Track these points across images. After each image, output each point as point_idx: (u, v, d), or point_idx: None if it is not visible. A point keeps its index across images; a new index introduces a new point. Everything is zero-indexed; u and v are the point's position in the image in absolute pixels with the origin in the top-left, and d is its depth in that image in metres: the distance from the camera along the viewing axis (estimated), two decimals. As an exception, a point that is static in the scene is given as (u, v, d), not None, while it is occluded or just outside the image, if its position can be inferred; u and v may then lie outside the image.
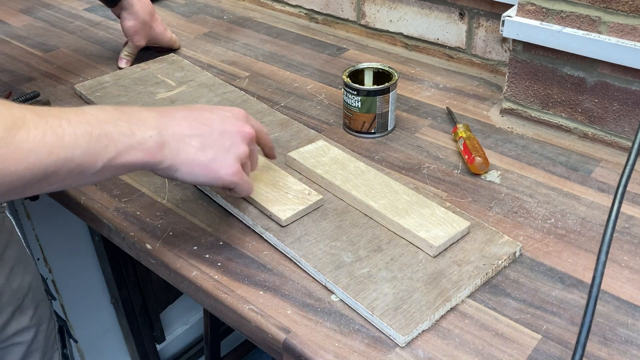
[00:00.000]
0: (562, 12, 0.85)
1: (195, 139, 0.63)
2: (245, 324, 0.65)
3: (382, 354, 0.60)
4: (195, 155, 0.63)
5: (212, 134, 0.65)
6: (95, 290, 1.45)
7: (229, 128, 0.66)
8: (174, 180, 0.65)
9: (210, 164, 0.64)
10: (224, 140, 0.65)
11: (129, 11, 1.10)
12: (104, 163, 0.56)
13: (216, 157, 0.64)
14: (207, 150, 0.64)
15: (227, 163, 0.65)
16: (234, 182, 0.66)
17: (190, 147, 0.63)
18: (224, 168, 0.65)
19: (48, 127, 0.52)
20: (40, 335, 0.83)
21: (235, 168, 0.66)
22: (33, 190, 0.53)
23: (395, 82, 0.91)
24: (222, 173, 0.65)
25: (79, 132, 0.54)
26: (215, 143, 0.65)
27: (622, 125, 0.87)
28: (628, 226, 0.75)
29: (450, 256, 0.69)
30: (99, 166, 0.56)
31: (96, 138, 0.55)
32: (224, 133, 0.65)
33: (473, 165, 0.83)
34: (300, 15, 1.36)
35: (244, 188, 0.68)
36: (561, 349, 0.60)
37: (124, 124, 0.58)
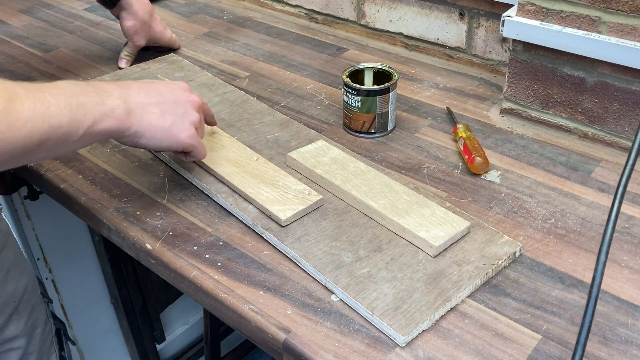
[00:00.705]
0: (562, 12, 0.85)
1: (155, 107, 0.70)
2: (245, 324, 0.65)
3: (382, 354, 0.60)
4: (157, 121, 0.69)
5: (167, 102, 0.71)
6: (95, 290, 1.44)
7: (180, 97, 0.73)
8: (136, 147, 0.70)
9: (170, 128, 0.71)
10: (178, 108, 0.72)
11: (128, 11, 1.10)
12: (84, 130, 0.61)
13: (175, 123, 0.71)
14: (166, 117, 0.70)
15: (185, 127, 0.72)
16: (192, 145, 0.73)
17: (152, 114, 0.69)
18: (183, 132, 0.72)
19: (36, 98, 0.57)
20: (35, 340, 0.82)
21: (192, 132, 0.73)
22: (27, 159, 0.59)
23: (395, 82, 0.91)
24: (181, 136, 0.72)
25: (62, 103, 0.59)
26: (171, 110, 0.71)
27: (622, 125, 0.87)
28: (628, 226, 0.75)
29: (450, 256, 0.69)
30: (80, 133, 0.61)
31: (75, 107, 0.61)
32: (176, 102, 0.72)
33: (473, 165, 0.83)
34: (300, 15, 1.36)
35: (200, 151, 0.75)
36: (561, 349, 0.60)
37: (94, 95, 0.64)
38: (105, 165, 0.88)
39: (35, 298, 0.82)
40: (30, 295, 0.82)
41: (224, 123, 0.95)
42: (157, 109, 0.70)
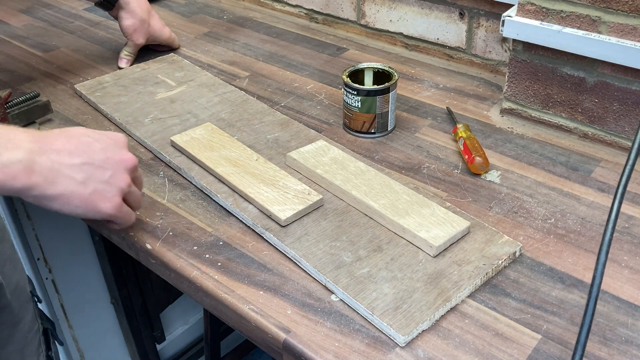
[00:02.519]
0: (562, 12, 0.85)
1: (78, 170, 0.61)
2: (245, 324, 0.65)
3: (382, 354, 0.60)
4: (76, 187, 0.61)
5: (94, 163, 0.63)
6: (95, 290, 1.44)
7: (112, 156, 0.64)
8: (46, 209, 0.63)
9: (90, 197, 0.62)
10: (105, 171, 0.63)
11: (126, 10, 1.10)
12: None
13: (97, 190, 0.62)
14: (88, 183, 0.62)
15: (108, 196, 0.63)
16: (114, 216, 0.65)
17: (70, 178, 0.61)
18: (104, 202, 0.63)
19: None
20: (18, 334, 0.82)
21: (116, 202, 0.64)
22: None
23: (395, 82, 0.91)
24: (102, 207, 0.63)
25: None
26: (96, 174, 0.63)
27: (622, 125, 0.87)
28: (628, 226, 0.75)
29: (450, 256, 0.69)
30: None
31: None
32: (106, 161, 0.64)
33: (473, 165, 0.83)
34: (300, 15, 1.36)
35: (124, 220, 0.67)
36: (561, 349, 0.60)
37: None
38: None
39: (24, 296, 0.82)
40: (20, 293, 0.82)
41: (224, 123, 0.95)
42: (80, 173, 0.61)
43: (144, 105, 0.99)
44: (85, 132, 0.65)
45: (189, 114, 0.97)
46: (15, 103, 0.93)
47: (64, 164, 0.60)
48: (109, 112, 0.98)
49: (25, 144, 0.58)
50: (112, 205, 0.64)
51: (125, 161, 0.66)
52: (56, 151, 0.60)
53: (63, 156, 0.61)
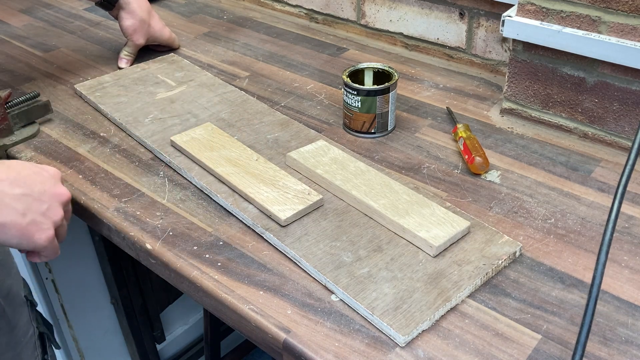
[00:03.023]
0: (562, 12, 0.85)
1: (18, 201, 0.62)
2: (245, 324, 0.65)
3: (382, 354, 0.60)
4: (15, 217, 0.62)
5: (32, 194, 0.64)
6: (95, 290, 1.44)
7: (49, 190, 0.66)
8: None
9: (27, 227, 0.63)
10: (42, 204, 0.65)
11: (126, 10, 1.10)
12: None
13: (34, 221, 0.63)
14: (27, 214, 0.63)
15: (43, 228, 0.64)
16: (45, 247, 0.66)
17: (12, 208, 0.62)
18: (39, 232, 0.64)
19: None
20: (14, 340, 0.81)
21: (49, 234, 0.65)
22: None
23: (395, 82, 0.91)
24: (37, 237, 0.64)
25: None
26: (35, 205, 0.64)
27: (622, 125, 0.87)
28: (628, 226, 0.75)
29: (450, 256, 0.69)
30: None
31: None
32: (44, 194, 0.65)
33: (473, 165, 0.83)
34: (300, 15, 1.36)
35: (51, 252, 0.68)
36: (561, 349, 0.60)
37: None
38: (105, 165, 0.88)
39: (18, 300, 0.81)
40: (14, 298, 0.81)
41: (224, 123, 0.95)
42: (20, 204, 0.62)
43: (144, 105, 0.99)
44: (22, 164, 0.67)
45: (189, 114, 0.97)
46: (15, 103, 0.93)
47: (6, 194, 0.62)
48: (109, 112, 0.98)
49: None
50: (46, 237, 0.65)
51: (61, 195, 0.67)
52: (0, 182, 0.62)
53: (4, 185, 0.62)
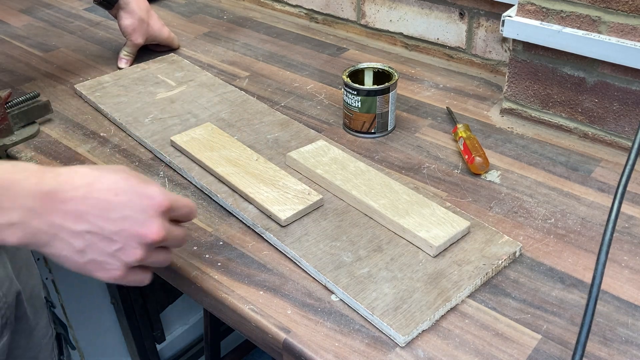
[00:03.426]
0: (562, 12, 0.85)
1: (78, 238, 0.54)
2: (245, 324, 0.65)
3: (382, 354, 0.60)
4: (70, 254, 0.55)
5: (100, 233, 0.55)
6: (95, 290, 1.44)
7: (129, 228, 0.55)
8: None
9: (85, 265, 0.56)
10: (112, 244, 0.55)
11: (125, 10, 1.10)
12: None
13: (95, 261, 0.56)
14: (86, 253, 0.55)
15: (107, 268, 0.57)
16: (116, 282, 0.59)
17: (67, 244, 0.54)
18: (100, 272, 0.57)
19: None
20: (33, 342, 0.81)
21: (114, 275, 0.57)
22: None
23: (395, 82, 0.91)
24: (96, 275, 0.57)
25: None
26: (99, 245, 0.55)
27: (622, 125, 0.87)
28: (628, 226, 0.75)
29: (450, 256, 0.69)
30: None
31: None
32: (118, 234, 0.55)
33: (473, 165, 0.83)
34: (300, 15, 1.36)
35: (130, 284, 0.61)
36: (561, 349, 0.60)
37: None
38: (105, 165, 0.88)
39: (39, 302, 0.82)
40: (35, 299, 0.81)
41: (224, 123, 0.95)
42: (79, 241, 0.54)
43: (144, 105, 0.99)
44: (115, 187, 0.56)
45: (189, 114, 0.97)
46: (15, 103, 0.93)
47: (65, 230, 0.54)
48: (109, 112, 0.98)
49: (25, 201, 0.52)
50: (109, 277, 0.57)
51: (144, 236, 0.56)
52: (62, 213, 0.53)
53: (67, 220, 0.54)
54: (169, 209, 0.58)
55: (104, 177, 0.56)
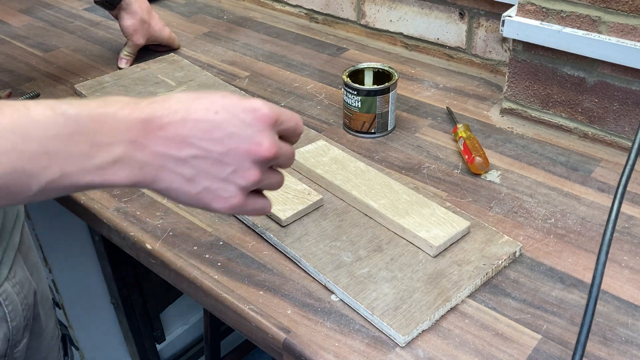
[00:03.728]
0: (562, 12, 0.85)
1: (184, 165, 0.49)
2: (245, 324, 0.65)
3: (382, 354, 0.60)
4: (180, 185, 0.50)
5: (208, 157, 0.49)
6: (95, 290, 1.44)
7: (237, 147, 0.50)
8: None
9: (198, 195, 0.51)
10: (225, 166, 0.50)
11: (127, 10, 1.10)
12: (42, 186, 0.44)
13: (208, 189, 0.51)
14: (197, 181, 0.50)
15: (223, 195, 0.51)
16: (233, 213, 0.54)
17: (174, 175, 0.49)
18: (216, 201, 0.51)
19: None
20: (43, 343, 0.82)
21: (232, 203, 0.52)
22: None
23: (395, 82, 0.91)
24: (214, 206, 0.52)
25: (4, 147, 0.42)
26: (211, 170, 0.50)
27: (622, 125, 0.87)
28: (628, 226, 0.75)
29: (450, 256, 0.69)
30: (35, 189, 0.44)
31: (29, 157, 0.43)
32: (227, 154, 0.50)
33: (473, 165, 0.83)
34: (300, 15, 1.36)
35: (252, 214, 0.56)
36: (561, 349, 0.60)
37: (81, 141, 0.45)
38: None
39: (47, 304, 0.82)
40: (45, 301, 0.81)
41: (224, 123, 0.94)
42: (187, 169, 0.49)
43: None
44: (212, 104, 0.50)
45: (189, 114, 0.97)
46: (15, 103, 0.93)
47: (170, 158, 0.48)
48: (109, 112, 0.98)
49: (124, 134, 0.47)
50: (228, 206, 0.52)
51: (254, 152, 0.50)
52: (163, 139, 0.48)
53: (170, 147, 0.48)
54: (276, 120, 0.52)
55: (201, 98, 0.51)
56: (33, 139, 0.43)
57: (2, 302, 0.66)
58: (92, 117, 0.46)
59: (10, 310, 0.67)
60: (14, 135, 0.42)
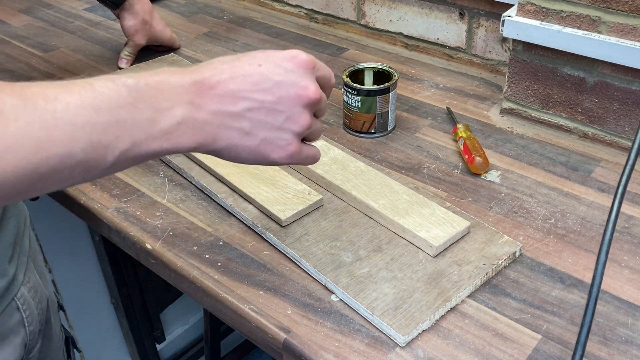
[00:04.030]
0: (562, 12, 0.85)
1: (240, 119, 0.51)
2: (245, 324, 0.65)
3: (382, 354, 0.60)
4: (240, 140, 0.52)
5: (262, 107, 0.51)
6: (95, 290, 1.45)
7: (286, 94, 0.52)
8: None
9: (258, 147, 0.53)
10: (277, 115, 0.52)
11: (129, 11, 1.10)
12: (116, 156, 0.46)
13: (267, 139, 0.53)
14: (254, 133, 0.52)
15: (281, 144, 0.53)
16: (290, 163, 0.56)
17: (233, 130, 0.51)
18: (276, 151, 0.54)
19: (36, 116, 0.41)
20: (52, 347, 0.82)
21: (290, 150, 0.54)
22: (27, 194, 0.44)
23: (395, 82, 0.91)
24: (273, 157, 0.54)
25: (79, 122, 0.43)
26: (267, 120, 0.52)
27: (622, 125, 0.87)
28: (628, 226, 0.75)
29: (450, 256, 0.69)
30: (110, 160, 0.46)
31: (102, 129, 0.44)
32: (278, 102, 0.52)
33: (473, 165, 0.83)
34: (300, 15, 1.36)
35: (306, 162, 0.58)
36: (561, 349, 0.60)
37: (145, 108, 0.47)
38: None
39: (55, 307, 0.82)
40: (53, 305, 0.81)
41: (224, 123, 0.94)
42: (245, 122, 0.51)
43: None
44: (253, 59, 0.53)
45: (189, 114, 0.97)
46: (15, 103, 0.93)
47: (226, 114, 0.50)
48: (109, 112, 0.98)
49: (181, 96, 0.49)
50: (287, 154, 0.54)
51: (303, 96, 0.53)
52: (217, 97, 0.50)
53: (225, 103, 0.50)
54: (314, 65, 0.55)
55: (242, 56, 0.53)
56: (103, 111, 0.44)
57: (20, 306, 0.66)
58: (149, 85, 0.48)
59: (27, 315, 0.67)
60: (84, 110, 0.43)
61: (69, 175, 0.44)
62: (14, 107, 0.41)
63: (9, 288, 0.64)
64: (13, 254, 0.66)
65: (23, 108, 0.41)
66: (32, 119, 0.41)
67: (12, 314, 0.65)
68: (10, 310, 0.64)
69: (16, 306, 0.65)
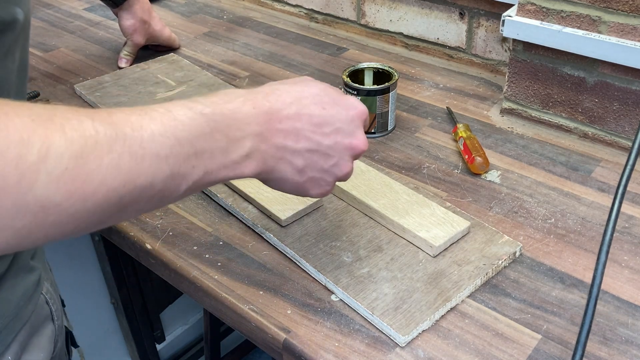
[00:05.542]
0: (562, 11, 0.85)
1: (298, 157, 0.53)
2: (245, 324, 0.65)
3: (382, 354, 0.60)
4: (291, 174, 0.54)
5: (320, 150, 0.54)
6: (95, 290, 1.44)
7: (341, 141, 0.55)
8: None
9: (304, 184, 0.55)
10: (328, 159, 0.55)
11: (128, 11, 1.11)
12: (189, 185, 0.46)
13: (312, 179, 0.55)
14: (306, 172, 0.54)
15: (322, 184, 0.56)
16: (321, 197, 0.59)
17: (289, 165, 0.53)
18: (315, 189, 0.56)
19: (126, 148, 0.40)
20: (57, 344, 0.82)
21: (327, 190, 0.57)
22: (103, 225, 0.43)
23: (395, 82, 0.91)
24: (311, 193, 0.57)
25: (163, 154, 0.43)
26: (319, 161, 0.54)
27: (622, 125, 0.87)
28: (628, 226, 0.75)
29: (450, 256, 0.69)
30: (183, 189, 0.46)
31: (183, 160, 0.44)
32: (333, 148, 0.54)
33: (473, 165, 0.83)
34: (300, 15, 1.36)
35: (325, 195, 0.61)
36: (561, 349, 0.60)
37: (220, 139, 0.47)
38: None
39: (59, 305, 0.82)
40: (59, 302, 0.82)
41: (224, 123, 0.95)
42: (300, 160, 0.53)
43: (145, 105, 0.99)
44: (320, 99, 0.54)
45: (189, 114, 0.97)
46: (15, 103, 0.93)
47: (288, 150, 0.52)
48: (109, 112, 0.98)
49: (252, 128, 0.49)
50: (322, 192, 0.57)
51: (355, 148, 0.56)
52: (283, 133, 0.52)
53: (289, 140, 0.52)
54: (366, 117, 0.57)
55: (307, 92, 0.55)
56: (184, 141, 0.44)
57: (48, 300, 0.66)
58: (224, 114, 0.48)
59: (55, 309, 0.68)
60: (168, 140, 0.43)
61: (144, 206, 0.44)
62: (106, 137, 0.40)
63: (39, 282, 0.64)
64: (36, 251, 0.67)
65: (115, 138, 0.40)
66: (123, 150, 0.40)
67: (43, 307, 0.65)
68: (42, 304, 0.65)
69: (45, 300, 0.65)
